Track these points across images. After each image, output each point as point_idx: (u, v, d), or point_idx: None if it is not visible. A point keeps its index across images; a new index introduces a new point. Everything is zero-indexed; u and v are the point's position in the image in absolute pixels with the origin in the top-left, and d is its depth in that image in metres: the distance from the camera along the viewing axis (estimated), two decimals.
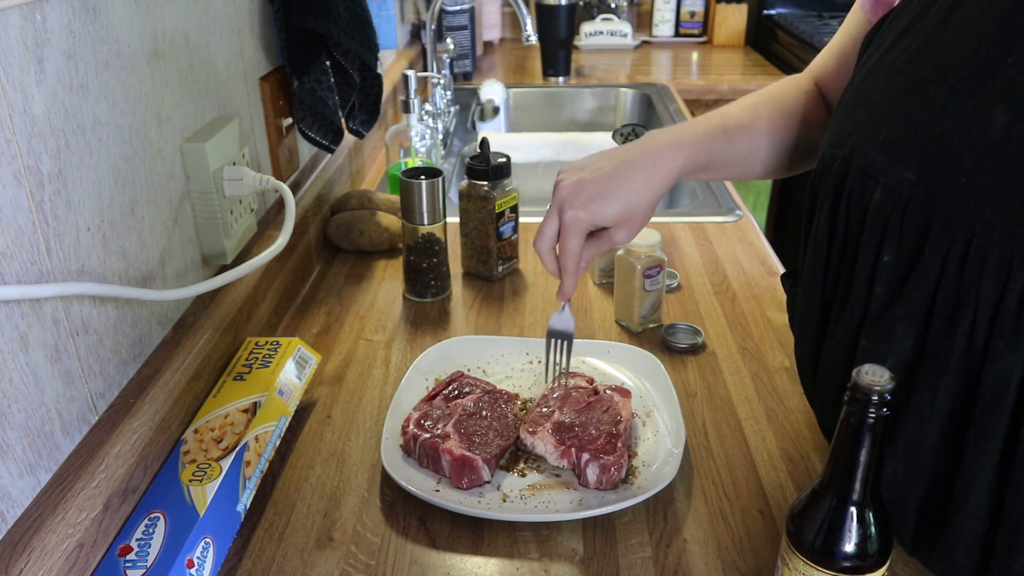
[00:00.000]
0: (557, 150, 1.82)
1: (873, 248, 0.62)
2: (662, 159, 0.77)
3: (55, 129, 0.60)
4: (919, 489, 0.62)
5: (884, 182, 0.60)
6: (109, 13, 0.68)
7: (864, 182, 0.63)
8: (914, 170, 0.58)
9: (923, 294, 0.58)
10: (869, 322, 0.63)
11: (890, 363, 0.61)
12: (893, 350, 0.61)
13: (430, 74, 1.77)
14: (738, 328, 1.03)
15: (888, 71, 0.64)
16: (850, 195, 0.65)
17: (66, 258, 0.62)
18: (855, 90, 0.68)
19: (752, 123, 0.83)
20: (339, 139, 1.16)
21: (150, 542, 0.62)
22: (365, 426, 0.86)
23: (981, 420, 0.56)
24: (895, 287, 0.60)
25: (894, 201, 0.60)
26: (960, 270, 0.55)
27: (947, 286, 0.56)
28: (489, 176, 1.11)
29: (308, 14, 1.02)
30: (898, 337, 0.60)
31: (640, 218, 0.77)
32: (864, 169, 0.63)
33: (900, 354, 0.60)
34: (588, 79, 2.36)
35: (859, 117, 0.65)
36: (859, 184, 0.63)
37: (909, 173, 0.58)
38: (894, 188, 0.59)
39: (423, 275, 1.10)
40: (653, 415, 0.84)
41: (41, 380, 0.59)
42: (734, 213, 1.37)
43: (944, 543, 0.61)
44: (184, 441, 0.73)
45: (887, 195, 0.60)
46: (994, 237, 0.52)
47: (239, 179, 0.87)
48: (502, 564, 0.69)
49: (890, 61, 0.64)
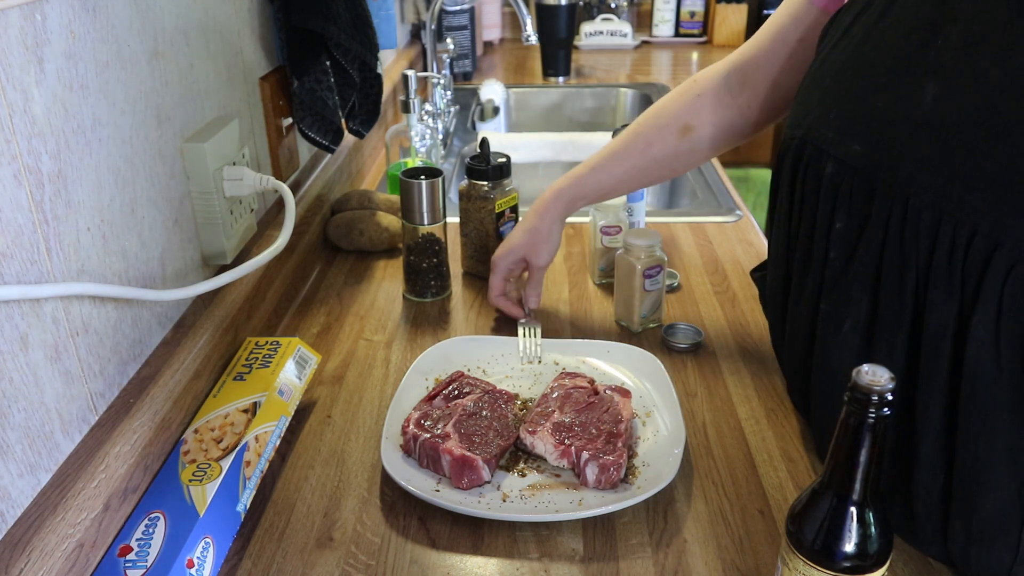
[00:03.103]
0: (557, 150, 1.82)
1: (827, 217, 0.67)
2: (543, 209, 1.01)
3: (55, 129, 0.60)
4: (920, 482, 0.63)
5: (835, 155, 0.66)
6: (109, 13, 0.68)
7: (819, 158, 0.69)
8: (860, 143, 0.64)
9: (872, 256, 0.63)
10: (827, 287, 0.68)
11: (848, 324, 0.66)
12: (851, 312, 0.65)
13: (430, 74, 1.77)
14: (738, 328, 1.03)
15: (839, 57, 0.70)
16: (806, 170, 0.71)
17: (66, 258, 0.62)
18: (811, 76, 0.74)
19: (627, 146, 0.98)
20: (339, 139, 1.16)
21: (150, 542, 0.62)
22: (365, 426, 0.86)
23: (925, 370, 0.59)
24: (848, 251, 0.66)
25: (844, 172, 0.65)
26: (901, 230, 0.60)
27: (891, 246, 0.61)
28: (489, 176, 1.11)
29: (308, 14, 1.02)
30: (854, 299, 0.65)
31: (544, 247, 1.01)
32: (818, 145, 0.69)
33: (857, 315, 0.65)
34: (588, 79, 2.36)
35: (814, 99, 0.71)
36: (814, 160, 0.69)
37: (856, 146, 0.64)
38: (844, 160, 0.65)
39: (423, 275, 1.10)
40: (653, 415, 0.84)
41: (41, 380, 0.59)
42: (734, 213, 1.37)
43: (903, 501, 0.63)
44: (184, 441, 0.73)
45: (838, 167, 0.66)
46: (926, 197, 0.58)
47: (239, 179, 0.87)
48: (502, 564, 0.69)
49: (841, 47, 0.70)
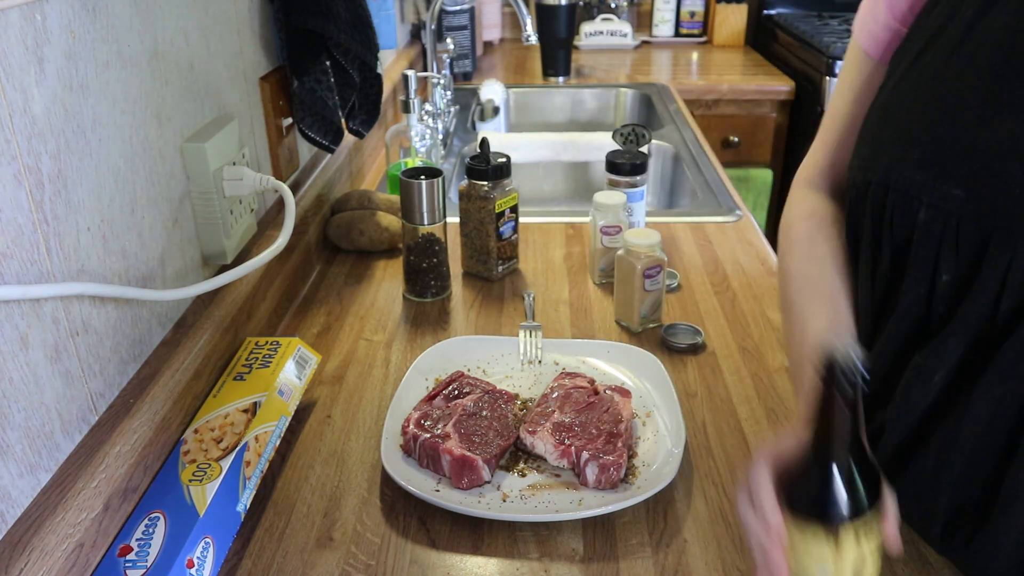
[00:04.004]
0: (557, 150, 1.82)
1: (927, 267, 0.62)
2: None
3: (55, 129, 0.60)
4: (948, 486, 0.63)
5: (928, 201, 0.60)
6: (109, 13, 0.68)
7: (907, 202, 0.62)
8: (961, 187, 0.58)
9: (980, 309, 0.58)
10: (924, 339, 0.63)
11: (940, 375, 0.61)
12: (944, 363, 0.61)
13: (430, 74, 1.77)
14: (738, 328, 1.03)
15: (912, 89, 0.64)
16: (892, 217, 0.64)
17: (66, 258, 0.62)
18: (879, 112, 0.68)
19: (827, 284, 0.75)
20: (339, 139, 1.16)
21: (150, 542, 0.62)
22: (365, 426, 0.86)
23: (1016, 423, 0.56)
24: (954, 304, 0.61)
25: (943, 219, 0.59)
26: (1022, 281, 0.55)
27: (1009, 298, 0.56)
28: (489, 176, 1.11)
29: (308, 14, 1.02)
30: (949, 352, 0.61)
31: None
32: (903, 189, 0.62)
33: (948, 365, 0.61)
34: (588, 79, 2.36)
35: (887, 137, 0.65)
36: (901, 205, 0.63)
37: (956, 190, 0.58)
38: (940, 206, 0.59)
39: (423, 275, 1.10)
40: (653, 415, 0.84)
41: (41, 380, 0.59)
42: (734, 213, 1.37)
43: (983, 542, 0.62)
44: (184, 441, 0.73)
45: (934, 213, 0.60)
46: None
47: (239, 179, 0.87)
48: (502, 564, 0.69)
49: (913, 79, 0.64)
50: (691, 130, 1.85)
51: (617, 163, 1.18)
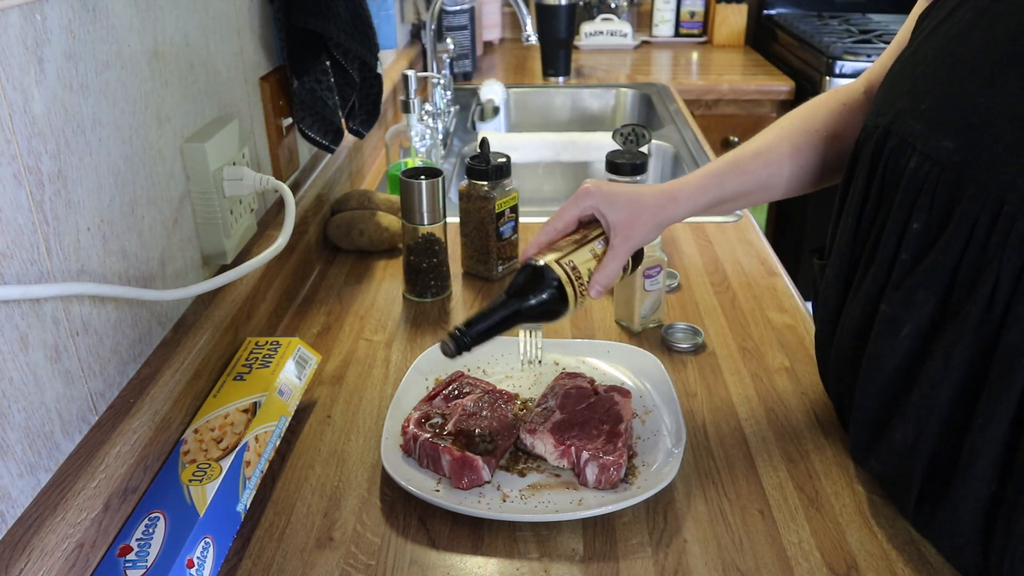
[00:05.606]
0: (557, 150, 1.82)
1: (903, 214, 0.64)
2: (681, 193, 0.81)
3: (55, 129, 0.60)
4: (925, 454, 0.63)
5: (921, 149, 0.62)
6: (109, 13, 0.68)
7: (902, 149, 0.64)
8: (953, 139, 0.59)
9: (947, 260, 0.60)
10: (891, 287, 0.65)
11: (907, 329, 0.63)
12: (912, 315, 0.63)
13: (430, 74, 1.77)
14: (738, 328, 1.03)
15: (937, 44, 0.65)
16: (887, 162, 0.66)
17: (66, 258, 0.62)
18: (903, 63, 0.69)
19: (772, 148, 0.83)
20: (339, 139, 1.16)
21: (150, 542, 0.62)
22: (365, 426, 0.86)
23: (995, 384, 0.58)
24: (921, 253, 0.62)
25: (929, 168, 0.61)
26: (987, 237, 0.57)
27: (972, 253, 0.58)
28: (489, 176, 1.11)
29: (308, 14, 1.02)
30: (918, 303, 0.62)
31: (638, 235, 0.79)
32: (903, 137, 0.64)
33: (918, 319, 0.62)
34: (588, 79, 2.36)
35: (903, 87, 0.67)
36: (897, 152, 0.65)
37: (948, 142, 0.60)
38: (930, 156, 0.61)
39: (423, 275, 1.10)
40: (653, 415, 0.84)
41: (41, 380, 0.59)
42: (734, 213, 1.37)
43: (947, 507, 0.63)
44: (184, 441, 0.73)
45: (923, 162, 0.62)
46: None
47: (239, 179, 0.87)
48: (502, 564, 0.69)
49: (941, 34, 0.65)
50: (691, 130, 1.85)
51: (617, 163, 1.17)
